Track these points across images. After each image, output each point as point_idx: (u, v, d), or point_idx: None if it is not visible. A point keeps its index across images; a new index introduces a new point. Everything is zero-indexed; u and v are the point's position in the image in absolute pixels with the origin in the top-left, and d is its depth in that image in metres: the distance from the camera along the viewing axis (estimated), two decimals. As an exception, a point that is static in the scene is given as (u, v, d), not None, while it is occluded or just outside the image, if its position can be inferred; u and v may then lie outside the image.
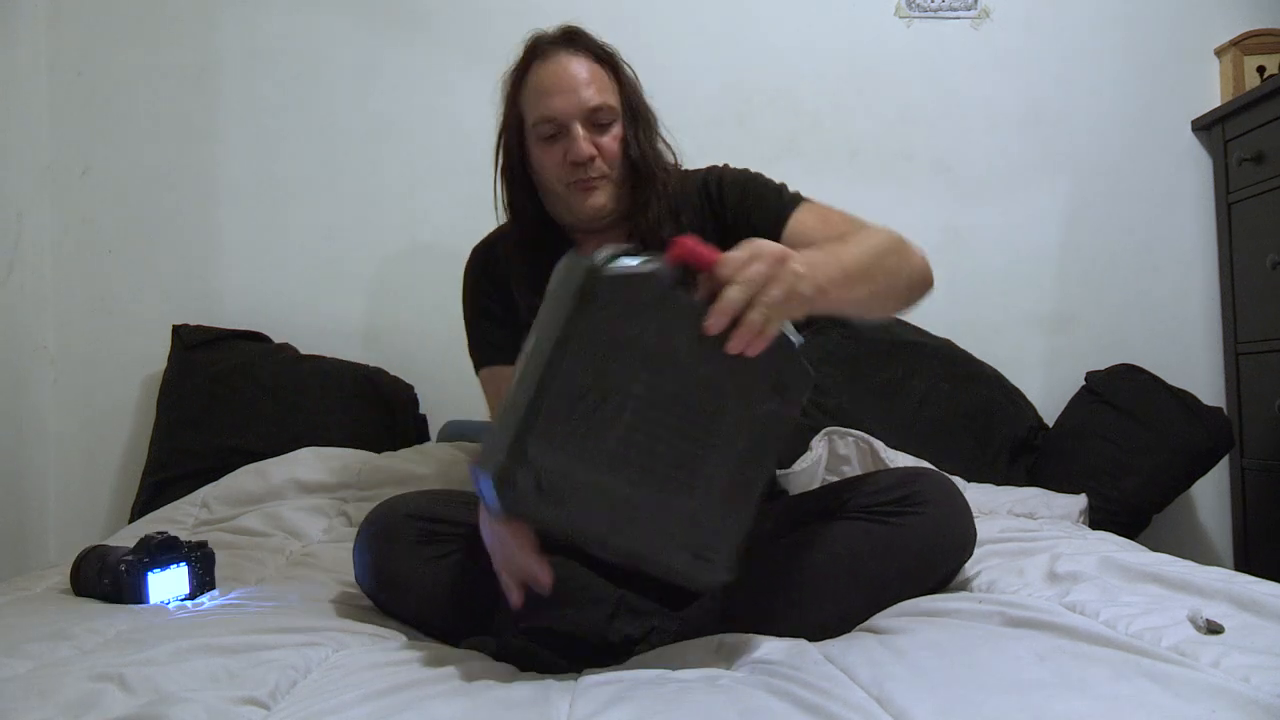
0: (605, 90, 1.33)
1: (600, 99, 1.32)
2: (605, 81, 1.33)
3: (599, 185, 1.33)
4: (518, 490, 0.90)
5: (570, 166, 1.31)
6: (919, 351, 2.14)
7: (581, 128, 1.30)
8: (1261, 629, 0.95)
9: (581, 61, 1.33)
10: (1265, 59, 2.24)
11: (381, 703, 0.86)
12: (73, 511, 2.22)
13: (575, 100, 1.30)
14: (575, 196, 1.33)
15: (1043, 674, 0.86)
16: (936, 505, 1.19)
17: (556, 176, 1.33)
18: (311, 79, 2.29)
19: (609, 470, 0.92)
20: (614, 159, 1.33)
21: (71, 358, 2.24)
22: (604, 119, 1.32)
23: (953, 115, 2.32)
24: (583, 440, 0.91)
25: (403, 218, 2.30)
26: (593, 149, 1.31)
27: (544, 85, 1.32)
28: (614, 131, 1.33)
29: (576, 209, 1.34)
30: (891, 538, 1.16)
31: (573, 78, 1.31)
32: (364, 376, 2.15)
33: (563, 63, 1.32)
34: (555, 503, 0.91)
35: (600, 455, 0.92)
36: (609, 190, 1.34)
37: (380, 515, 1.23)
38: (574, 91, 1.30)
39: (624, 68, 1.37)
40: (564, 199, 1.34)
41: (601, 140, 1.32)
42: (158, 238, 2.27)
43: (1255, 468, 2.15)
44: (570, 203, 1.34)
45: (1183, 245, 2.32)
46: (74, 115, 2.26)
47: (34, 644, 1.03)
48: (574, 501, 0.92)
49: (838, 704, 0.83)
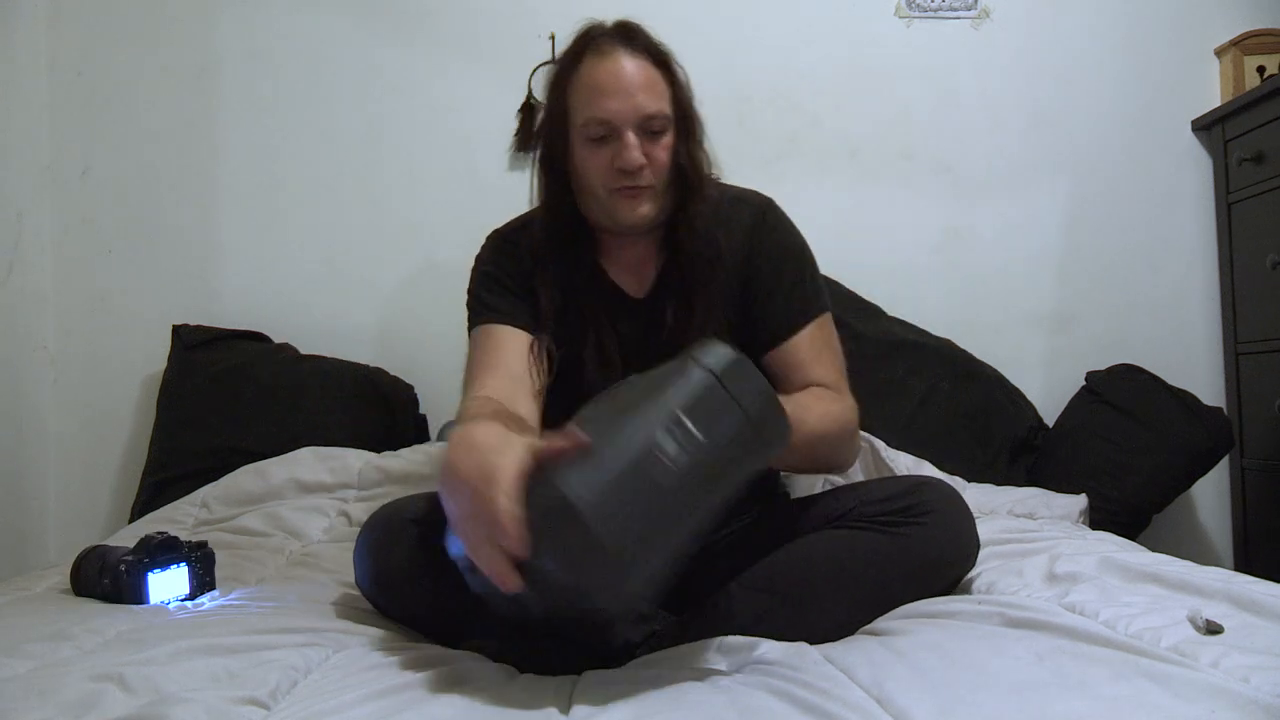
0: (660, 96, 1.27)
1: (656, 106, 1.26)
2: (660, 86, 1.28)
3: (644, 195, 1.28)
4: None
5: (617, 173, 1.26)
6: (919, 351, 2.14)
7: (634, 135, 1.25)
8: (1261, 629, 0.95)
9: (639, 63, 1.26)
10: (1265, 59, 2.24)
11: (382, 703, 0.86)
12: (73, 511, 2.22)
13: (631, 105, 1.24)
14: (618, 203, 1.28)
15: (1042, 674, 0.86)
16: (941, 515, 1.19)
17: (600, 181, 1.27)
18: (312, 79, 2.29)
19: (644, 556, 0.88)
20: (662, 169, 1.28)
21: (71, 358, 2.24)
22: (657, 126, 1.27)
23: (953, 115, 2.32)
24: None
25: (403, 217, 2.30)
26: (643, 158, 1.25)
27: (599, 84, 1.25)
28: (665, 140, 1.28)
29: (618, 216, 1.29)
30: (895, 548, 1.16)
31: (630, 80, 1.25)
32: (364, 376, 2.15)
33: (620, 62, 1.26)
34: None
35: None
36: (653, 200, 1.29)
37: (381, 519, 1.22)
38: (630, 95, 1.24)
39: (678, 70, 1.31)
40: (604, 203, 1.29)
41: (652, 149, 1.27)
42: (158, 238, 2.27)
43: (1255, 468, 2.15)
44: (611, 208, 1.29)
45: (1183, 245, 2.32)
46: (74, 115, 2.26)
47: (34, 644, 1.03)
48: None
49: (837, 704, 0.83)
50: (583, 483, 0.84)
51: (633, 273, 1.37)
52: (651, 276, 1.36)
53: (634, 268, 1.37)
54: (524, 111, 2.27)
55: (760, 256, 1.35)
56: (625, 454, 0.86)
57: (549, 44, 2.25)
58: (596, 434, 0.88)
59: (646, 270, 1.36)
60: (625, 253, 1.36)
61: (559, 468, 0.86)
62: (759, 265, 1.35)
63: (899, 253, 2.30)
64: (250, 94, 2.29)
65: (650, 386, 0.93)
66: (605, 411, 0.92)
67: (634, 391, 0.94)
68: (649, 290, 1.36)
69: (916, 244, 2.31)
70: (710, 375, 0.92)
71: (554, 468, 0.87)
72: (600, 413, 0.93)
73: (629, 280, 1.37)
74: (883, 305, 2.22)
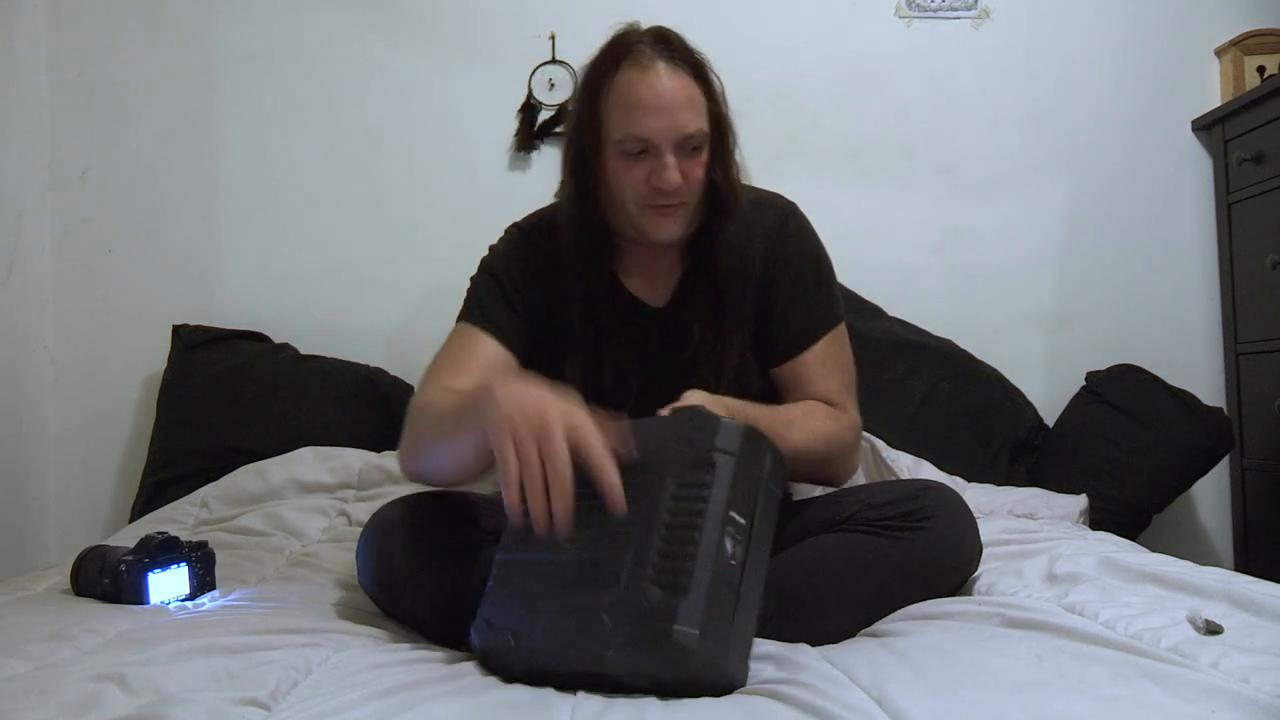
0: (700, 114, 1.24)
1: (696, 124, 1.23)
2: (700, 103, 1.25)
3: (677, 213, 1.26)
4: None
5: (652, 190, 1.24)
6: (919, 351, 2.14)
7: (673, 154, 1.22)
8: (1261, 629, 0.95)
9: (680, 78, 1.23)
10: (1265, 59, 2.24)
11: (382, 704, 0.86)
12: (73, 511, 2.22)
13: (672, 124, 1.21)
14: (649, 219, 1.26)
15: (1042, 675, 0.86)
16: (943, 520, 1.19)
17: (633, 196, 1.25)
18: (311, 80, 2.29)
19: None
20: (697, 185, 1.26)
21: (71, 358, 2.24)
22: (695, 144, 1.24)
23: (953, 115, 2.32)
24: None
25: (403, 217, 2.30)
26: (680, 178, 1.23)
27: (639, 99, 1.22)
28: (701, 157, 1.26)
29: (649, 232, 1.27)
30: (897, 552, 1.16)
31: (672, 97, 1.22)
32: (364, 376, 2.15)
33: (661, 77, 1.22)
34: None
35: None
36: (684, 218, 1.28)
37: (382, 519, 1.22)
38: (672, 114, 1.21)
39: (714, 81, 1.29)
40: (635, 218, 1.27)
41: (688, 167, 1.24)
42: (158, 238, 2.27)
43: (1255, 468, 2.15)
44: (641, 224, 1.27)
45: (1183, 245, 2.32)
46: (74, 115, 2.26)
47: (34, 644, 1.03)
48: None
49: (837, 705, 0.83)
50: (686, 618, 0.88)
51: (652, 283, 1.36)
52: (671, 286, 1.36)
53: (654, 278, 1.36)
54: (524, 111, 2.27)
55: (780, 263, 1.34)
56: (705, 573, 0.90)
57: (549, 44, 2.26)
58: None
59: (667, 280, 1.36)
60: (646, 263, 1.36)
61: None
62: (779, 273, 1.34)
63: (899, 253, 2.30)
64: (250, 94, 2.29)
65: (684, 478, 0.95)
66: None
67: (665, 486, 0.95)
68: (668, 301, 1.36)
69: (916, 244, 2.31)
70: (734, 459, 0.95)
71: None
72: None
73: (647, 290, 1.36)
74: (883, 305, 2.22)
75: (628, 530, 0.93)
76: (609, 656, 0.90)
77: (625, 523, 0.93)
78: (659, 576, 0.90)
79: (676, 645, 0.87)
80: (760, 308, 1.34)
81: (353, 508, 1.82)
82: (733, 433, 0.95)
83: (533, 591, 0.97)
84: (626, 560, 0.92)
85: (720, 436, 0.95)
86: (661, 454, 0.96)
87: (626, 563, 0.91)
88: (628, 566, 0.91)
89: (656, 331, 1.34)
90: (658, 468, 0.95)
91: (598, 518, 0.93)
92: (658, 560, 0.90)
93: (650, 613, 0.88)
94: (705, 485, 0.93)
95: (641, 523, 0.93)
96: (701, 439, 0.95)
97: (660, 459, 0.95)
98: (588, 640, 0.91)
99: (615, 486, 0.92)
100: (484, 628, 0.99)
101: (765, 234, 1.35)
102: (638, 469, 0.94)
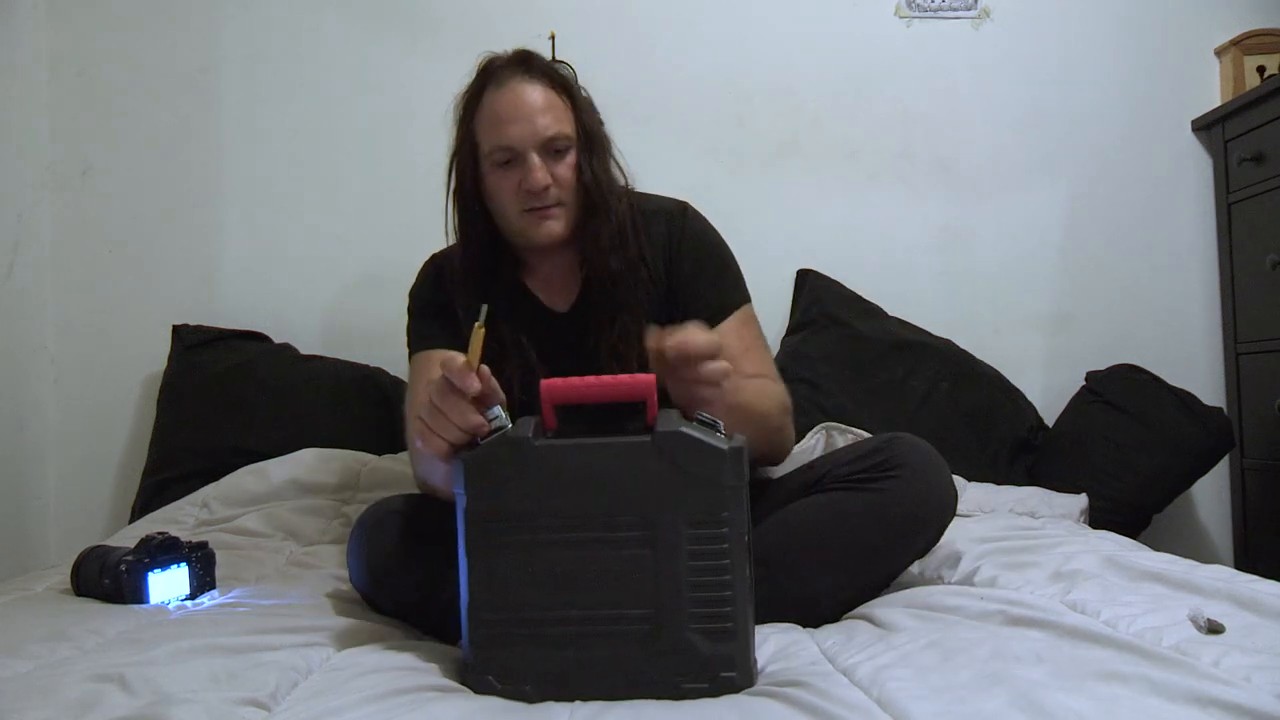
0: (561, 118, 1.33)
1: (556, 128, 1.32)
2: (561, 109, 1.34)
3: (554, 213, 1.34)
4: None
5: (525, 194, 1.32)
6: (919, 351, 2.14)
7: (537, 156, 1.31)
8: (1262, 628, 0.96)
9: (537, 88, 1.33)
10: (1265, 59, 2.24)
11: (383, 704, 0.86)
12: (73, 511, 2.22)
13: (531, 129, 1.30)
14: (530, 224, 1.34)
15: (1043, 673, 0.86)
16: (913, 468, 1.20)
17: (511, 204, 1.34)
18: (312, 79, 2.29)
19: None
20: (569, 186, 1.34)
21: (71, 358, 2.24)
22: (559, 146, 1.33)
23: (953, 115, 2.32)
24: None
25: (402, 217, 2.29)
26: (548, 178, 1.31)
27: (500, 113, 1.32)
28: (569, 159, 1.34)
29: (531, 235, 1.35)
30: (871, 503, 1.18)
31: (529, 106, 1.31)
32: (364, 376, 2.15)
33: (518, 90, 1.32)
34: None
35: None
36: (564, 217, 1.35)
37: (369, 515, 1.24)
38: (530, 120, 1.31)
39: (579, 92, 1.38)
40: (518, 225, 1.35)
41: (556, 168, 1.33)
42: (158, 238, 2.27)
43: (1255, 467, 2.15)
44: (524, 229, 1.35)
45: (1183, 245, 2.32)
46: (74, 115, 2.26)
47: (34, 644, 1.03)
48: None
49: (837, 705, 0.83)
50: (739, 663, 0.91)
51: (556, 288, 1.42)
52: (575, 290, 1.41)
53: (557, 283, 1.42)
54: (524, 111, 2.27)
55: (679, 257, 1.40)
56: (744, 611, 0.92)
57: (549, 44, 2.25)
58: None
59: (570, 284, 1.41)
60: (548, 269, 1.42)
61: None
62: (679, 266, 1.40)
63: (899, 253, 2.30)
64: (250, 94, 2.29)
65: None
66: None
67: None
68: (573, 304, 1.41)
69: (916, 244, 2.31)
70: (741, 487, 0.94)
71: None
72: None
73: (552, 295, 1.42)
74: (883, 305, 2.22)
75: (640, 570, 0.92)
76: (642, 688, 0.91)
77: (635, 559, 0.92)
78: (703, 625, 0.91)
79: (726, 681, 0.90)
80: (668, 301, 1.39)
81: (353, 509, 1.82)
82: (738, 462, 0.93)
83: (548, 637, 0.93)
84: (658, 607, 0.91)
85: (727, 471, 0.92)
86: (663, 483, 0.92)
87: (660, 610, 0.91)
88: (664, 616, 0.91)
89: (562, 334, 1.40)
90: (666, 500, 0.92)
91: (602, 557, 0.92)
92: (693, 607, 0.91)
93: (703, 662, 0.91)
94: (722, 522, 0.92)
95: (662, 565, 0.91)
96: (710, 473, 0.92)
97: (665, 490, 0.92)
98: (619, 682, 0.91)
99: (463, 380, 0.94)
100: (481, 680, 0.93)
101: (661, 237, 1.41)
102: (641, 499, 0.92)
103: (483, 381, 0.95)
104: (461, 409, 0.94)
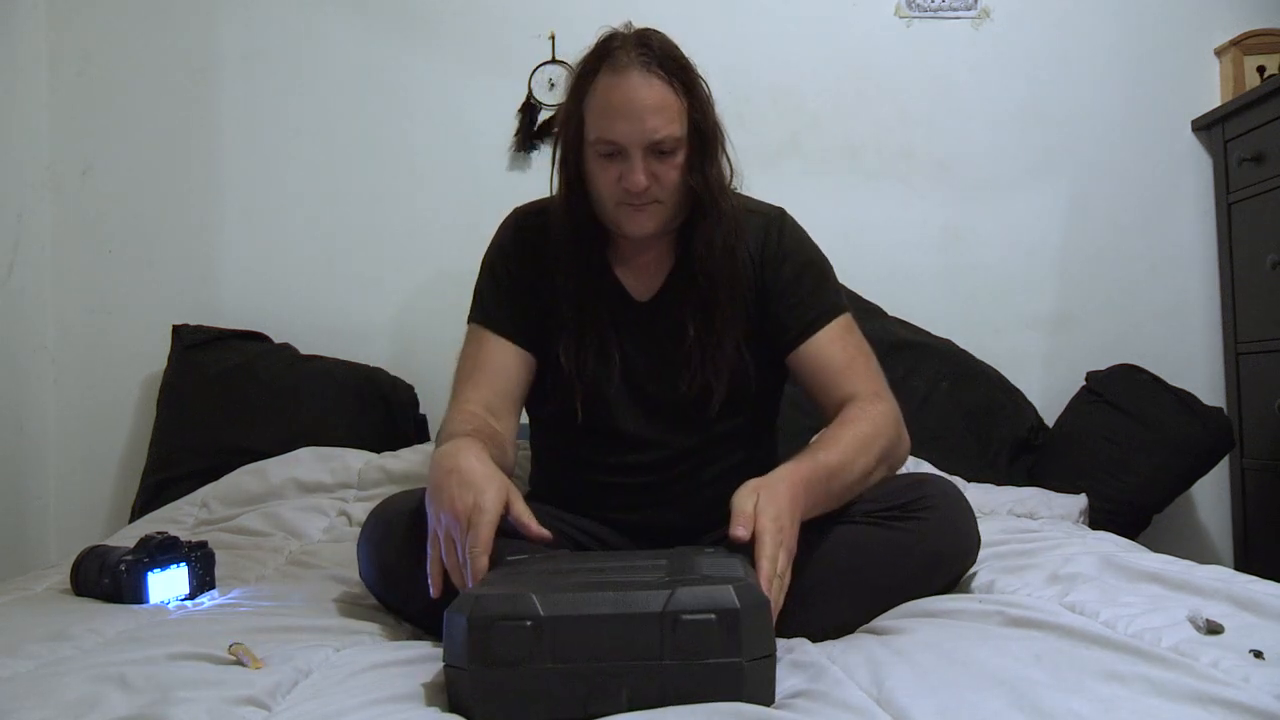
0: (672, 119, 1.26)
1: (666, 130, 1.25)
2: (674, 107, 1.26)
3: (649, 210, 1.30)
4: None
5: (622, 190, 1.28)
6: (919, 351, 2.14)
7: (641, 156, 1.26)
8: (1261, 629, 0.95)
9: (653, 83, 1.25)
10: (1265, 59, 2.24)
11: (383, 704, 0.86)
12: (73, 511, 2.23)
13: (640, 129, 1.24)
14: (624, 216, 1.30)
15: (1042, 674, 0.86)
16: (942, 511, 1.20)
17: (608, 193, 1.29)
18: (312, 79, 2.29)
19: None
20: (671, 186, 1.29)
21: (71, 358, 2.24)
22: (666, 148, 1.27)
23: (953, 115, 2.32)
24: None
25: (403, 217, 2.30)
26: (648, 179, 1.26)
27: (610, 105, 1.25)
28: (675, 159, 1.28)
29: (623, 227, 1.32)
30: (896, 543, 1.17)
31: (641, 104, 1.24)
32: (364, 376, 2.15)
33: (632, 83, 1.25)
34: None
35: None
36: (659, 214, 1.31)
37: (379, 513, 1.24)
38: (639, 119, 1.24)
39: (697, 85, 1.30)
40: (612, 214, 1.31)
41: (660, 167, 1.27)
42: (158, 238, 2.27)
43: (1255, 467, 2.15)
44: (617, 219, 1.31)
45: (1183, 245, 2.32)
46: (74, 115, 2.26)
47: (34, 644, 1.03)
48: None
49: (837, 705, 0.83)
50: None
51: (641, 275, 1.39)
52: (660, 280, 1.38)
53: (643, 270, 1.39)
54: (524, 111, 2.27)
55: (777, 262, 1.37)
56: None
57: (549, 44, 2.26)
58: None
59: (656, 274, 1.38)
60: (636, 254, 1.38)
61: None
62: (778, 271, 1.37)
63: (899, 253, 2.30)
64: (250, 94, 2.29)
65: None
66: None
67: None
68: (654, 294, 1.38)
69: (916, 244, 2.31)
70: (768, 659, 0.87)
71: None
72: None
73: (636, 283, 1.39)
74: (883, 305, 2.22)
75: None
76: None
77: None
78: None
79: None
80: (760, 305, 1.36)
81: (353, 508, 1.82)
82: (766, 637, 0.85)
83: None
84: None
85: (746, 647, 0.83)
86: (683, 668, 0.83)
87: None
88: None
89: (641, 323, 1.37)
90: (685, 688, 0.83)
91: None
92: None
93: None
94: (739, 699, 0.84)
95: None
96: (725, 651, 0.83)
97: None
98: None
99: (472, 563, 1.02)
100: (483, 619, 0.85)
101: (757, 240, 1.38)
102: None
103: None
104: (482, 566, 1.01)
